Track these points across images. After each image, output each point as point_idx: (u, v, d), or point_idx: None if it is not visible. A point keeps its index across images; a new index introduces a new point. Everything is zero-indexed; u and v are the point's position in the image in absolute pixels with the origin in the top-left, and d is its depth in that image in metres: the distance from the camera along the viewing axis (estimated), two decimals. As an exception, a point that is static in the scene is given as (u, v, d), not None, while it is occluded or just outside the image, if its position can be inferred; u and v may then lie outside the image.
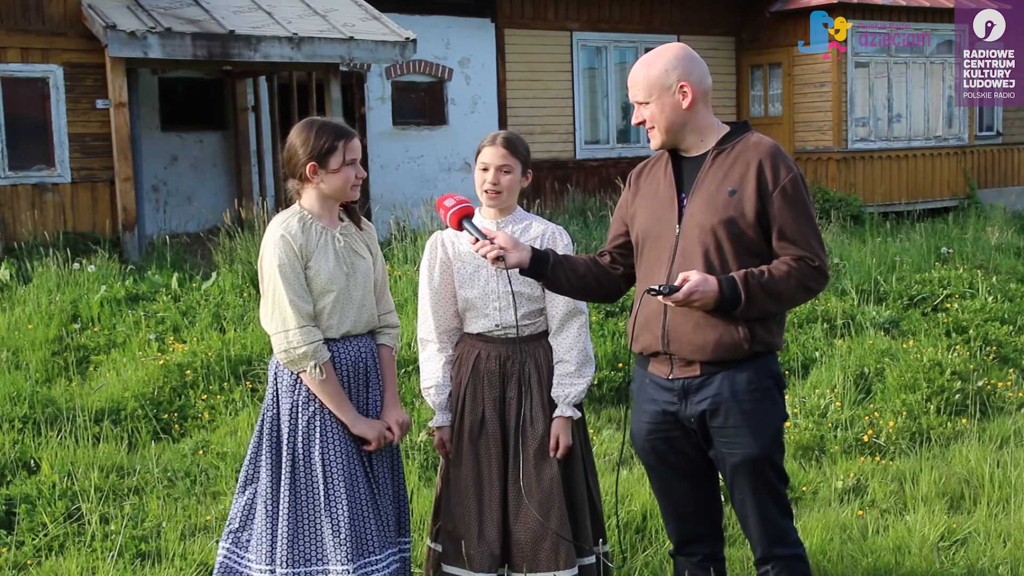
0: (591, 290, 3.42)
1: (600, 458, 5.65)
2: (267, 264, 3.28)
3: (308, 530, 3.25)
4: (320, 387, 3.26)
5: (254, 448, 3.38)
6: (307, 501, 3.26)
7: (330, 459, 3.27)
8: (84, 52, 11.14)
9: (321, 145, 3.27)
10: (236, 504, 3.41)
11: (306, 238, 3.28)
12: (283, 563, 3.21)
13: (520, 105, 14.86)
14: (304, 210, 3.35)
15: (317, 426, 3.28)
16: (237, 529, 3.39)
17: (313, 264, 3.28)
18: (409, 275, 8.59)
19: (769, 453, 3.19)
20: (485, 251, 3.22)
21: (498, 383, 3.59)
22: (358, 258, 3.40)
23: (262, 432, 3.36)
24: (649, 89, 3.19)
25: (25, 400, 6.07)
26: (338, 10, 12.25)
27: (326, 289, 3.29)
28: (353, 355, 3.36)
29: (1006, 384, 6.92)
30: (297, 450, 3.28)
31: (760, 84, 16.69)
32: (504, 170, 3.56)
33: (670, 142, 3.25)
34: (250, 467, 3.38)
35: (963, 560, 4.37)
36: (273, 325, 3.26)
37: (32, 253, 10.08)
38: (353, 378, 3.36)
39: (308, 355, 3.22)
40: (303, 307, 3.24)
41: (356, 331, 3.38)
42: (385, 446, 3.40)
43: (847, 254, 10.61)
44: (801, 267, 3.10)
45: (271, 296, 3.26)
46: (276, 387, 3.35)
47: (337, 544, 3.21)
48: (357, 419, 3.31)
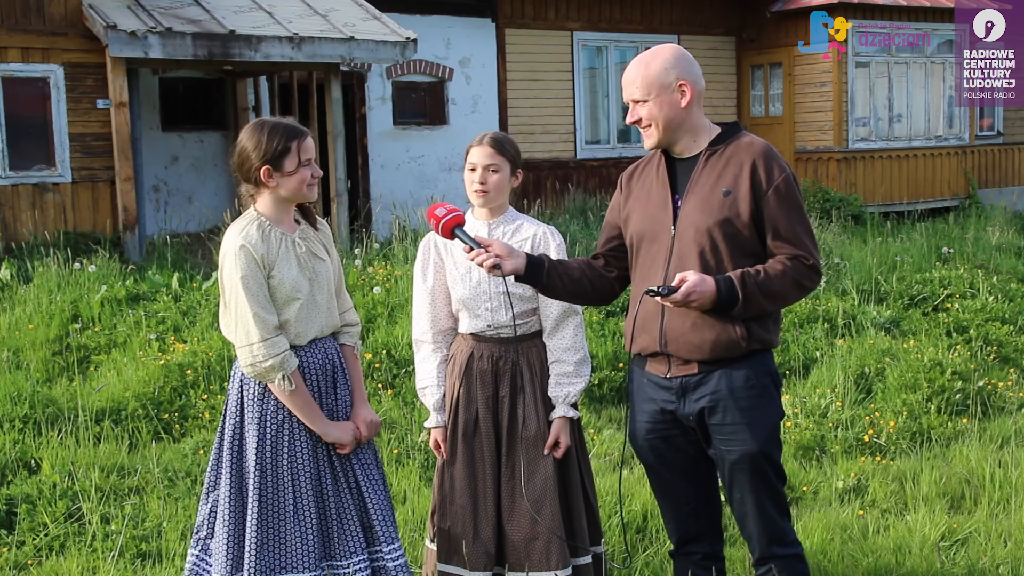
0: (585, 294, 3.42)
1: (600, 458, 5.65)
2: (227, 276, 3.18)
3: (275, 539, 3.20)
4: (289, 398, 3.19)
5: (216, 455, 3.33)
6: (275, 510, 3.20)
7: (298, 467, 3.22)
8: (85, 52, 11.14)
9: (274, 147, 3.17)
10: (201, 511, 3.38)
11: (267, 247, 3.18)
12: (252, 572, 3.16)
13: (521, 105, 14.86)
14: (261, 216, 3.24)
15: (285, 435, 3.23)
16: (205, 536, 3.36)
17: (276, 273, 3.19)
18: (409, 275, 8.59)
19: (767, 450, 3.19)
20: (480, 259, 3.20)
21: (491, 382, 3.59)
22: (319, 262, 3.32)
23: (222, 440, 3.30)
24: (648, 87, 3.18)
25: (26, 400, 6.07)
26: (339, 10, 12.25)
27: (291, 297, 3.21)
28: (320, 359, 3.30)
29: (1007, 384, 6.92)
30: (265, 459, 3.22)
31: (761, 84, 16.69)
32: (491, 169, 3.56)
33: (666, 141, 3.24)
34: (212, 474, 3.34)
35: (964, 560, 4.36)
36: (238, 338, 3.18)
37: (33, 253, 10.08)
38: (322, 381, 3.31)
39: (275, 367, 3.15)
40: (267, 319, 3.15)
41: (323, 335, 3.33)
42: (363, 445, 3.36)
43: (848, 254, 10.60)
44: (796, 266, 3.12)
45: (233, 309, 3.17)
46: (241, 395, 3.28)
47: (304, 551, 3.17)
48: (328, 426, 3.26)
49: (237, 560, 3.21)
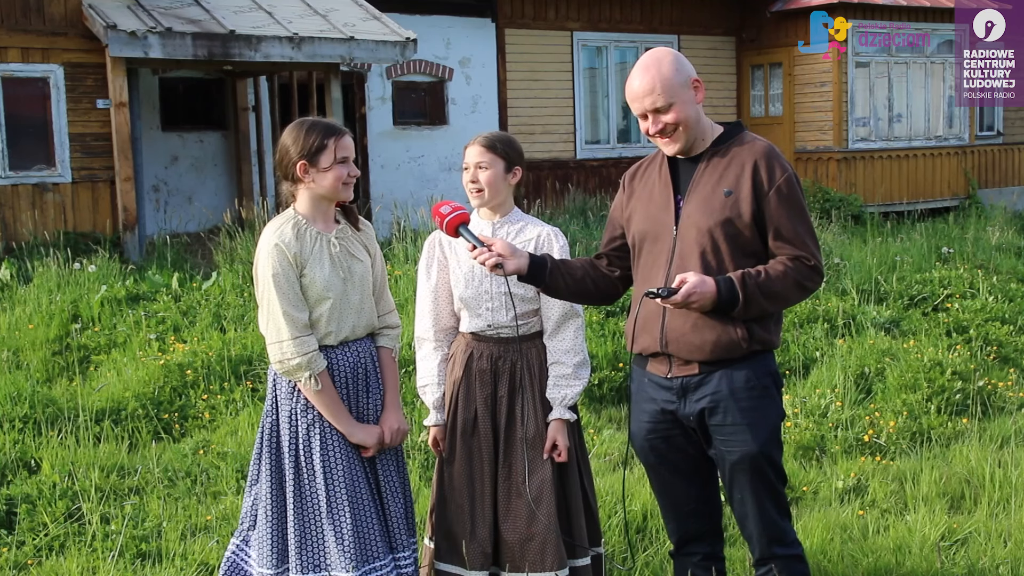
0: (588, 294, 3.42)
1: (601, 458, 5.65)
2: (261, 273, 3.24)
3: (313, 536, 3.24)
4: (316, 397, 3.23)
5: (257, 451, 3.38)
6: (311, 507, 3.25)
7: (331, 466, 3.25)
8: (85, 52, 11.15)
9: (311, 144, 3.23)
10: (245, 503, 3.43)
11: (300, 245, 3.24)
12: (296, 569, 3.21)
13: (521, 105, 14.86)
14: (299, 215, 3.30)
15: (317, 433, 3.26)
16: (248, 528, 3.40)
17: (308, 272, 3.23)
18: (410, 275, 8.59)
19: (768, 450, 3.19)
20: (483, 259, 3.20)
21: (490, 381, 3.59)
22: (355, 261, 3.35)
23: (263, 436, 3.35)
24: (671, 91, 3.13)
25: (26, 400, 6.07)
26: (338, 10, 12.25)
27: (322, 297, 3.25)
28: (352, 361, 3.33)
29: (1007, 384, 6.92)
30: (300, 456, 3.26)
31: (761, 84, 16.69)
32: (481, 166, 3.55)
33: (689, 143, 3.21)
34: (255, 467, 3.39)
35: (964, 560, 4.36)
36: (268, 335, 3.24)
37: (33, 253, 10.08)
38: (352, 383, 3.34)
39: (302, 366, 3.19)
40: (297, 317, 3.20)
41: (355, 336, 3.35)
42: (388, 450, 3.38)
43: (848, 254, 10.60)
44: (797, 266, 3.11)
45: (265, 306, 3.23)
46: (275, 393, 3.33)
47: (341, 551, 3.19)
48: (354, 427, 3.29)
49: (281, 554, 3.26)
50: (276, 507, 3.27)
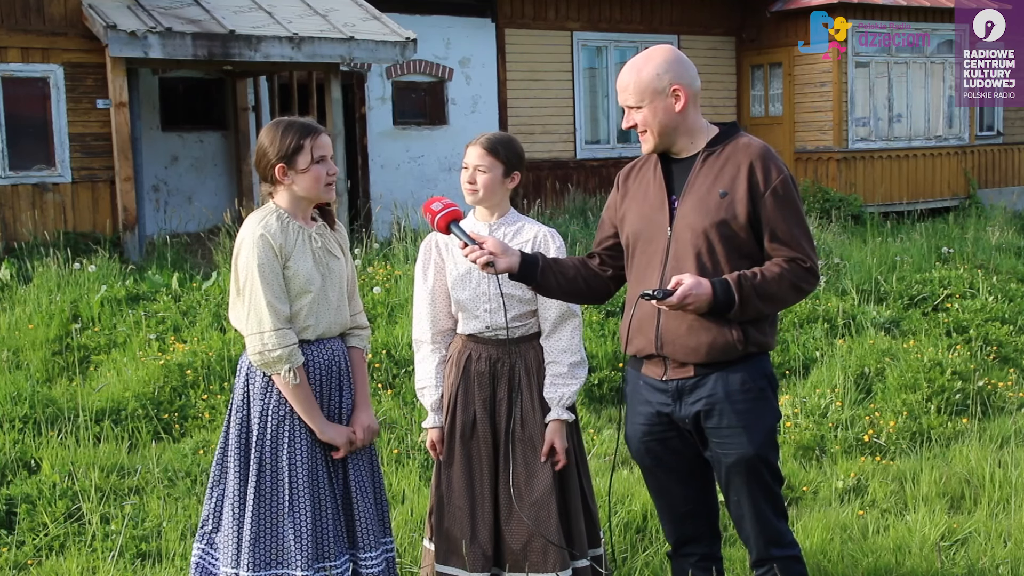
0: (580, 293, 3.41)
1: (601, 459, 5.65)
2: (244, 263, 3.21)
3: (271, 533, 3.22)
4: (292, 392, 3.21)
5: (221, 449, 3.35)
6: (271, 504, 3.22)
7: (296, 464, 3.23)
8: (84, 52, 11.14)
9: (288, 145, 3.21)
10: (206, 505, 3.39)
11: (285, 237, 3.22)
12: (247, 566, 3.18)
13: (521, 105, 14.86)
14: (280, 208, 3.28)
15: (286, 431, 3.25)
16: (211, 531, 3.36)
17: (292, 264, 3.22)
18: (409, 275, 8.59)
19: (764, 453, 3.18)
20: (474, 256, 3.19)
21: (488, 384, 3.59)
22: (333, 259, 3.35)
23: (228, 433, 3.31)
24: (641, 93, 3.16)
25: (26, 400, 6.07)
26: (338, 10, 12.26)
27: (304, 290, 3.23)
28: (327, 358, 3.32)
29: (1007, 384, 6.92)
30: (265, 453, 3.24)
31: (761, 84, 16.69)
32: (480, 169, 3.56)
33: (662, 145, 3.23)
34: (217, 468, 3.35)
35: (963, 560, 4.36)
36: (248, 326, 3.20)
37: (32, 253, 10.08)
38: (326, 381, 3.32)
39: (283, 358, 3.17)
40: (280, 309, 3.18)
41: (331, 333, 3.34)
42: (359, 450, 3.37)
43: (848, 254, 10.60)
44: (793, 268, 3.10)
45: (248, 296, 3.20)
46: (247, 389, 3.30)
47: (299, 549, 3.18)
48: (325, 426, 3.27)
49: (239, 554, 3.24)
50: (240, 505, 3.24)
